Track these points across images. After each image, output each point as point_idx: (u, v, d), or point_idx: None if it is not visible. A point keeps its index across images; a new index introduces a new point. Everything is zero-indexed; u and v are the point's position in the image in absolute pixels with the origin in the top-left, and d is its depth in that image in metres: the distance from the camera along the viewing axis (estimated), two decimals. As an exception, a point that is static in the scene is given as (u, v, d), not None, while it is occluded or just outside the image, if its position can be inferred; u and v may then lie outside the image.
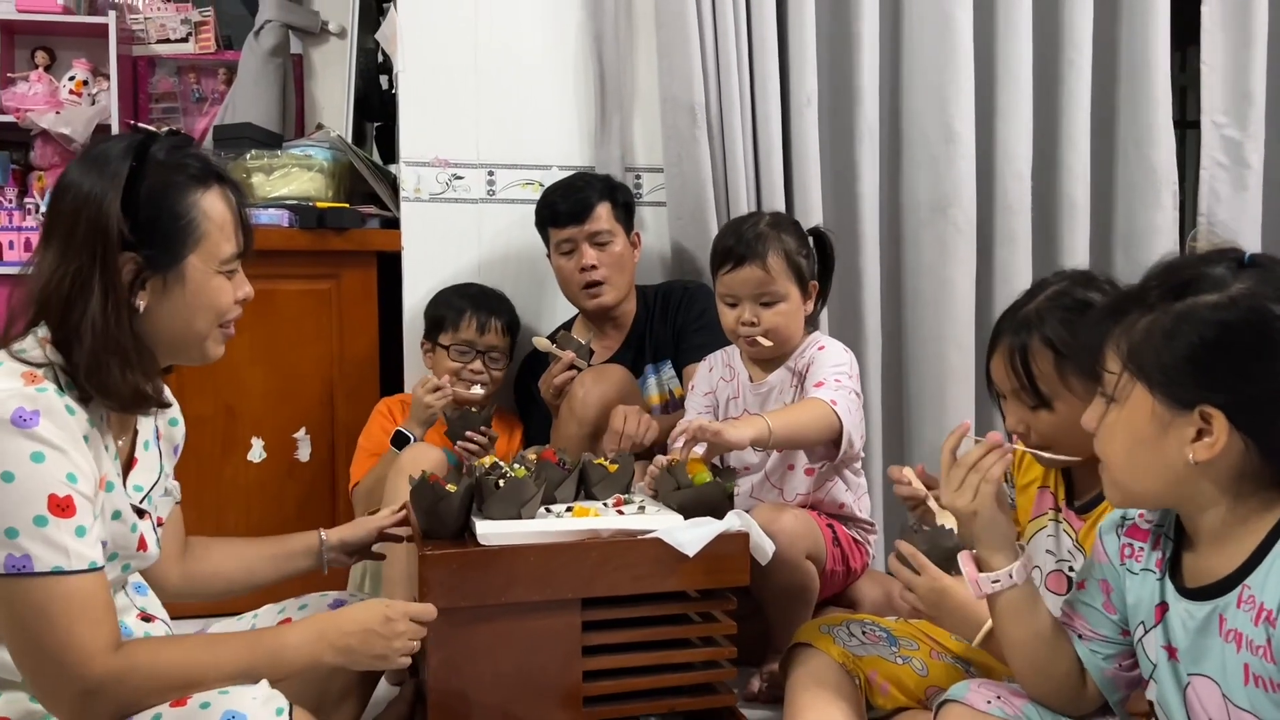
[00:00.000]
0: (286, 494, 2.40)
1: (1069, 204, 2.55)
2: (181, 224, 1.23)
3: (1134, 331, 1.06)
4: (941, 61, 2.44)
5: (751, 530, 1.55)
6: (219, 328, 1.31)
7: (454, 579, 1.42)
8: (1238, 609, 1.01)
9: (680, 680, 1.54)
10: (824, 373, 1.87)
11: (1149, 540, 1.15)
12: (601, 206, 2.21)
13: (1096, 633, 1.21)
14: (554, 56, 2.45)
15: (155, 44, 3.42)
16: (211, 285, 1.27)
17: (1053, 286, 1.43)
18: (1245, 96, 2.59)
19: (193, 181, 1.25)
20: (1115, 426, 1.08)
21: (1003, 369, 1.42)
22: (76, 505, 1.13)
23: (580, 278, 2.22)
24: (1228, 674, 1.02)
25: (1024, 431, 1.43)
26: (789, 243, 1.91)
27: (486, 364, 2.25)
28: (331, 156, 2.51)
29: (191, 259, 1.24)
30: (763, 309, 1.90)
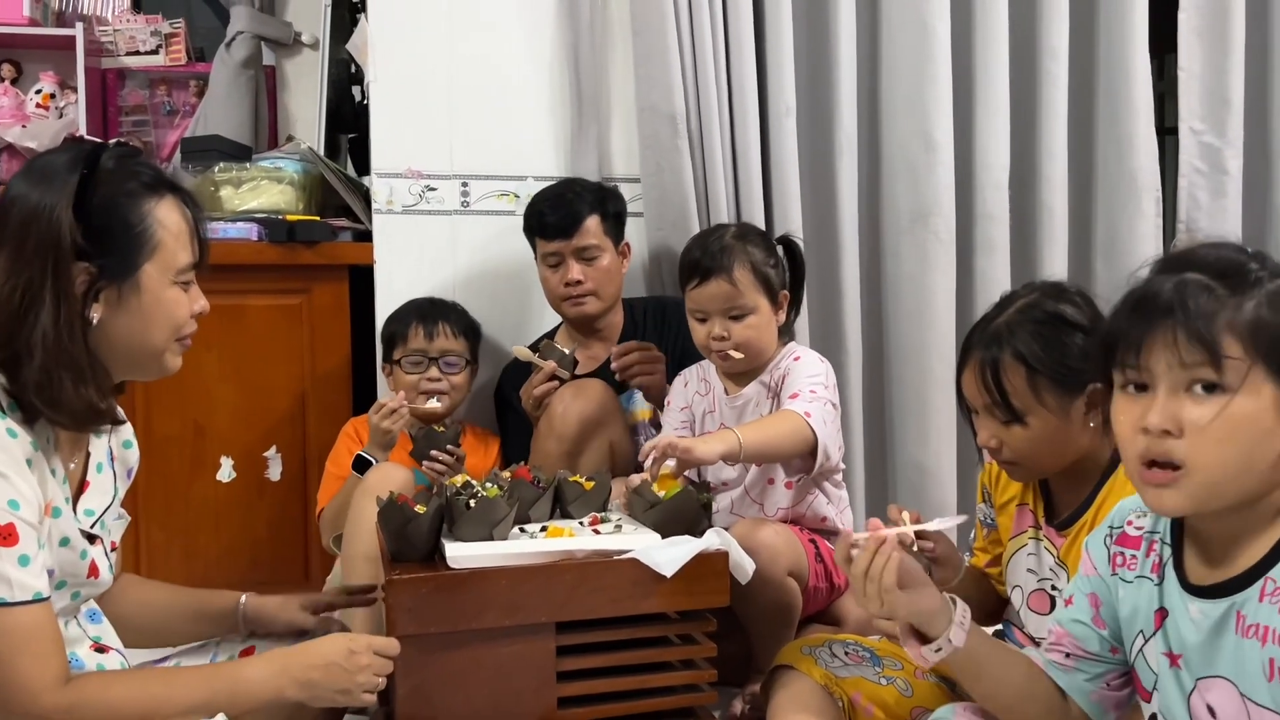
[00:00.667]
0: (257, 514, 2.35)
1: (1047, 213, 2.53)
2: (136, 232, 1.20)
3: (1242, 314, 0.96)
4: (919, 70, 2.42)
5: (731, 549, 1.52)
6: (176, 341, 1.27)
7: (423, 604, 1.37)
8: (1260, 602, 0.97)
9: (659, 705, 1.50)
10: (799, 383, 1.84)
11: (1141, 547, 1.11)
12: (591, 220, 2.17)
13: (1085, 650, 1.17)
14: (528, 66, 2.41)
15: (124, 56, 3.35)
16: (168, 296, 1.23)
17: (1023, 299, 1.41)
18: (1224, 103, 2.58)
19: (146, 190, 1.23)
20: (1236, 419, 0.95)
21: (974, 384, 1.40)
22: (19, 533, 1.09)
23: (564, 290, 2.19)
24: (1246, 672, 0.97)
25: (996, 447, 1.41)
26: (755, 254, 1.88)
27: (443, 370, 2.19)
28: (302, 169, 2.47)
29: (147, 268, 1.21)
30: (733, 322, 1.87)
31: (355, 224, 2.47)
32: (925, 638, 1.19)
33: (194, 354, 2.24)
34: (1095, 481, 1.42)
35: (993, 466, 1.59)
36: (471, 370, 2.26)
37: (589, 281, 2.18)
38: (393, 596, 1.36)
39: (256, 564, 2.36)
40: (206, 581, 2.31)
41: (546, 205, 2.19)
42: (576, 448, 2.01)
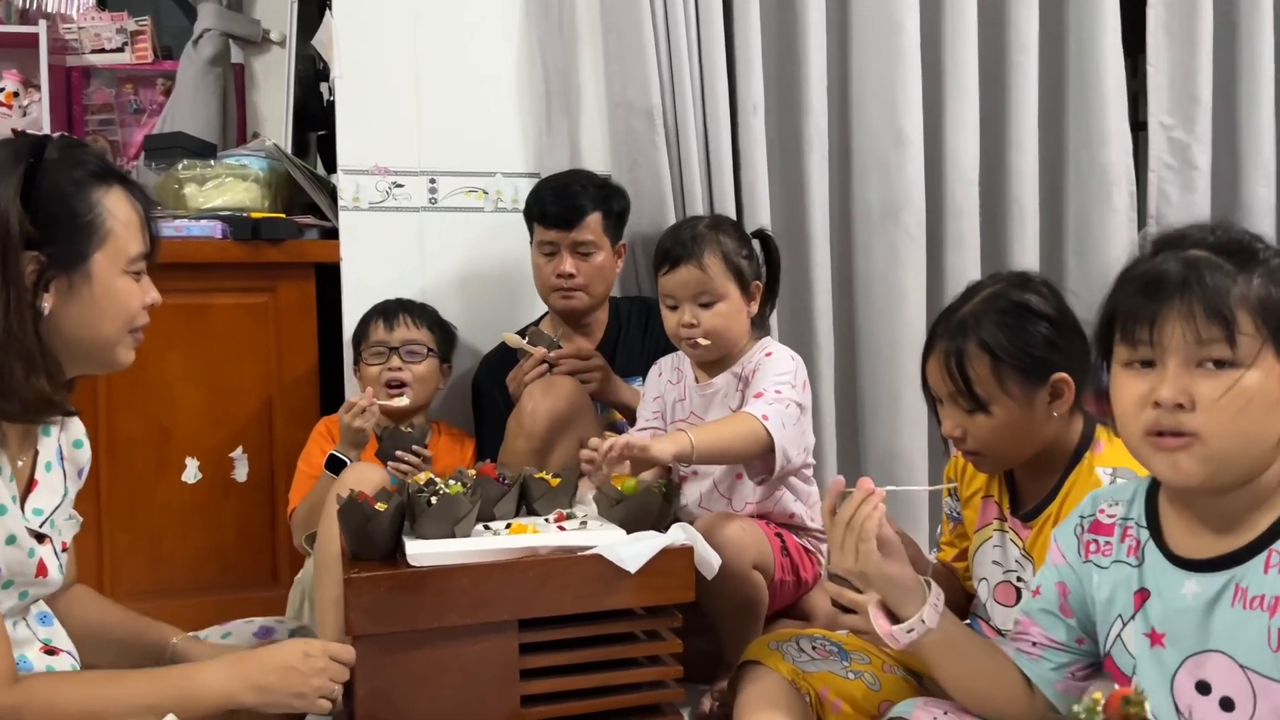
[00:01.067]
0: (224, 516, 2.32)
1: (1018, 208, 2.53)
2: (86, 220, 1.19)
3: (1253, 290, 0.98)
4: (889, 66, 2.42)
5: (696, 544, 1.50)
6: (129, 333, 1.25)
7: (382, 603, 1.35)
8: (1265, 574, 0.97)
9: (625, 702, 1.48)
10: (765, 383, 1.83)
11: (1115, 533, 1.11)
12: (593, 216, 2.14)
13: (1052, 639, 1.17)
14: (497, 61, 2.39)
15: (90, 54, 3.31)
16: (119, 286, 1.22)
17: (988, 289, 1.41)
18: (1192, 99, 2.59)
19: (93, 179, 1.22)
20: (1248, 393, 0.97)
21: (938, 373, 1.40)
22: None
23: (555, 281, 2.17)
24: (1248, 643, 0.98)
25: (960, 436, 1.41)
26: (727, 244, 1.89)
27: (404, 359, 2.16)
28: (268, 166, 2.44)
29: (97, 257, 1.20)
30: (702, 310, 1.87)
31: (322, 221, 2.44)
32: (895, 618, 1.19)
33: (158, 353, 2.26)
34: (1060, 473, 1.42)
35: (958, 460, 1.58)
36: (441, 364, 2.24)
37: (580, 276, 2.16)
38: (351, 596, 1.34)
39: (224, 566, 2.32)
40: (172, 586, 2.29)
41: (550, 193, 2.16)
42: (546, 445, 1.99)
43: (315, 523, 2.00)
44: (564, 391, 2.03)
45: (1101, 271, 2.56)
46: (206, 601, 2.18)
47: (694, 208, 2.33)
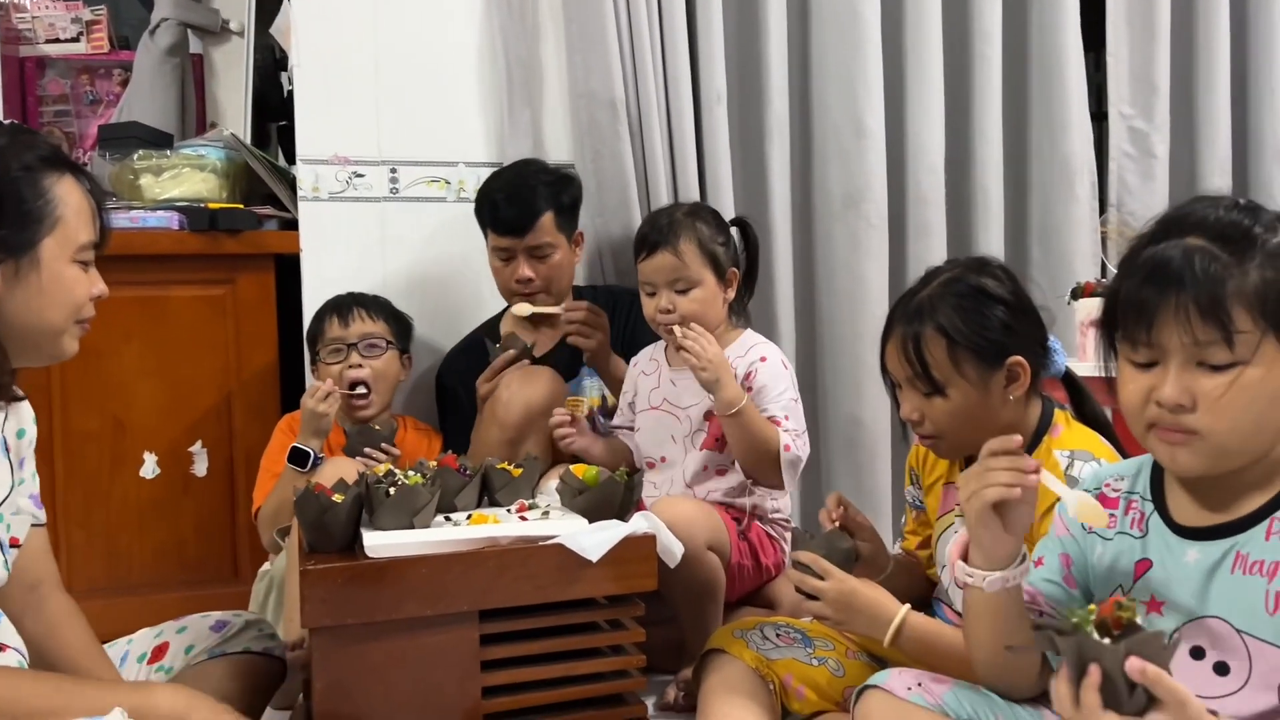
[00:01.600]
0: (183, 511, 2.28)
1: (983, 196, 2.55)
2: (35, 205, 1.18)
3: (1248, 285, 0.97)
4: (850, 55, 2.42)
5: (659, 532, 1.49)
6: (75, 323, 1.24)
7: (339, 595, 1.33)
8: (1267, 541, 0.99)
9: (588, 692, 1.46)
10: (773, 405, 1.85)
11: (1120, 506, 1.13)
12: (546, 217, 2.11)
13: (1057, 610, 1.17)
14: (458, 49, 2.37)
15: (44, 44, 3.24)
16: (67, 275, 1.21)
17: (945, 274, 1.41)
18: (1151, 87, 2.62)
19: (44, 165, 1.21)
20: (1251, 389, 0.97)
21: (896, 357, 1.40)
22: None
23: (515, 286, 2.15)
24: (1243, 608, 1.00)
25: (918, 420, 1.42)
26: (703, 230, 1.92)
27: (363, 354, 2.13)
28: (226, 156, 2.41)
29: (47, 243, 1.19)
30: (678, 296, 1.90)
31: (282, 212, 2.41)
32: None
33: (114, 346, 2.23)
34: (1016, 459, 1.42)
35: (919, 449, 1.58)
36: (400, 356, 2.21)
37: (539, 279, 2.14)
38: (307, 588, 1.32)
39: (183, 563, 2.29)
40: (130, 583, 2.25)
41: (501, 197, 2.12)
42: (519, 436, 1.97)
43: (283, 518, 1.98)
44: (541, 383, 2.01)
45: (1065, 259, 2.59)
46: (166, 598, 2.14)
47: (658, 197, 2.33)
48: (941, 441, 1.43)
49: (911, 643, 1.37)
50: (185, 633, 1.48)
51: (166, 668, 1.44)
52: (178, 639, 1.47)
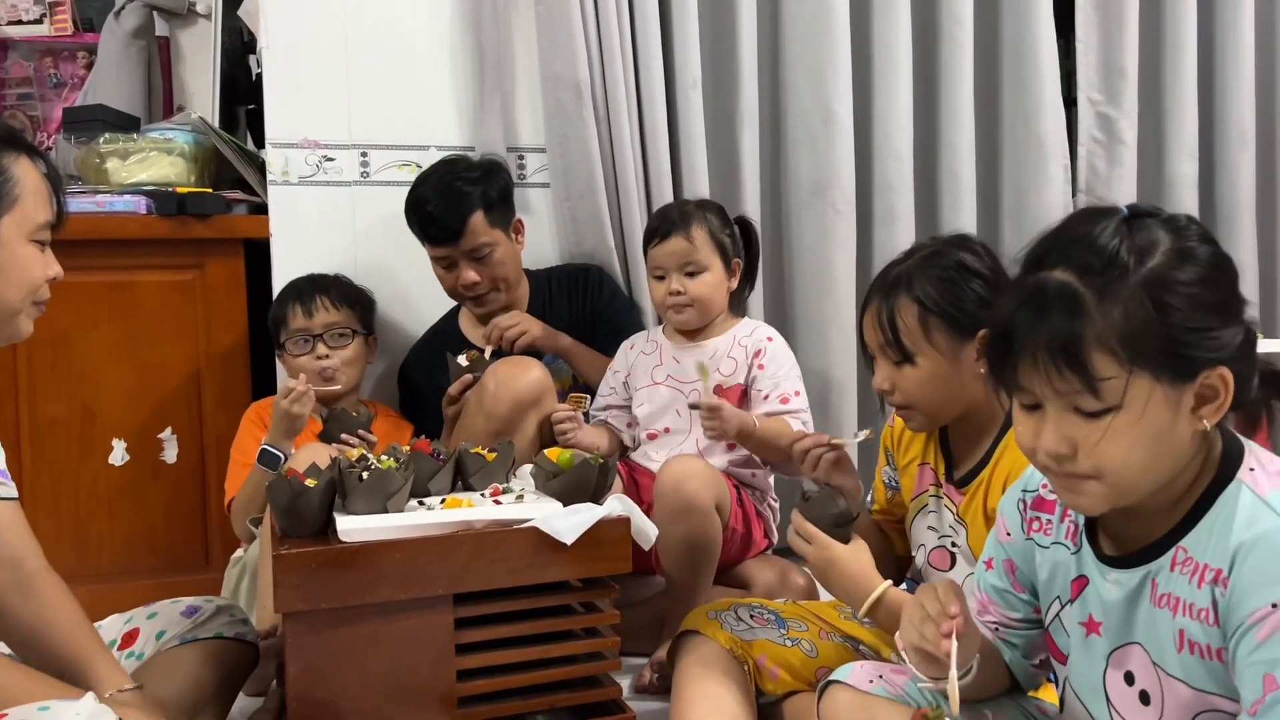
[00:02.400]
0: (153, 498, 2.26)
1: (954, 180, 2.56)
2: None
3: (1116, 328, 0.91)
4: (818, 41, 2.43)
5: (633, 514, 1.50)
6: (32, 304, 1.25)
7: (312, 580, 1.32)
8: (1171, 572, 0.96)
9: (562, 674, 1.47)
10: (784, 383, 1.98)
11: (1056, 512, 1.10)
12: (475, 218, 2.09)
13: (1010, 618, 1.17)
14: (429, 32, 2.35)
15: (6, 26, 3.18)
16: (24, 254, 1.23)
17: (926, 249, 1.43)
18: (1119, 73, 2.64)
19: (2, 145, 1.22)
20: (1130, 432, 0.93)
21: (871, 325, 1.43)
22: None
23: (462, 291, 2.15)
24: (1160, 640, 0.97)
25: (889, 389, 1.44)
26: (713, 221, 2.02)
27: (329, 345, 2.12)
28: (194, 140, 2.37)
29: (4, 221, 1.20)
30: (688, 279, 1.99)
31: (251, 196, 2.38)
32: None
33: (81, 332, 2.20)
34: (992, 438, 1.44)
35: (894, 429, 1.60)
36: (366, 341, 2.20)
37: (485, 280, 2.14)
38: (280, 573, 1.31)
39: (154, 550, 2.27)
40: (101, 571, 2.23)
41: (429, 206, 2.09)
42: (507, 427, 1.96)
43: (256, 509, 1.97)
44: (529, 374, 1.99)
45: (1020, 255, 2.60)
46: (137, 586, 2.11)
47: (626, 182, 2.32)
48: (914, 412, 1.44)
49: (889, 617, 1.38)
50: (156, 618, 1.47)
51: (137, 653, 1.43)
52: (148, 625, 1.46)
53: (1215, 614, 0.92)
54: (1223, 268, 0.96)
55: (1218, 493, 0.96)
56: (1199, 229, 0.97)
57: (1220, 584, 0.92)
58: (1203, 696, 0.95)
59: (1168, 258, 0.93)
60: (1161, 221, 0.96)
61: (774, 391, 1.97)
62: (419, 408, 2.24)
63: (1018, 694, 1.20)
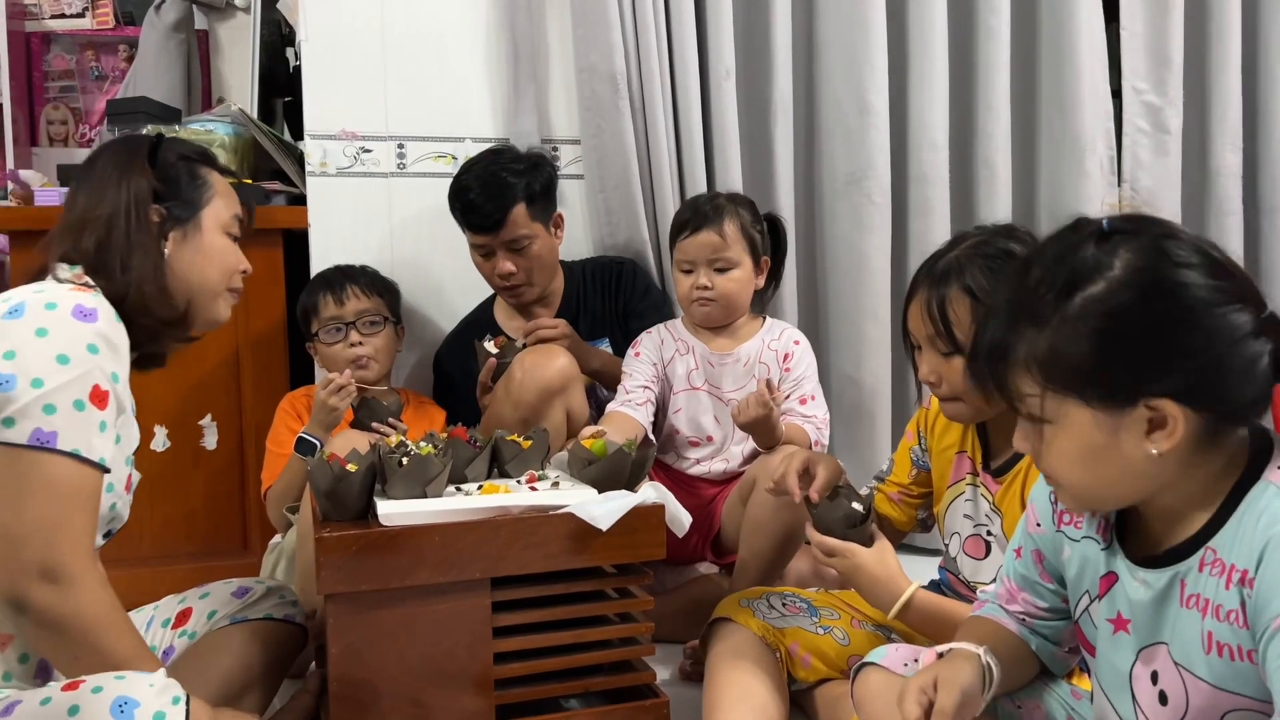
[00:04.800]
0: (193, 484, 2.30)
1: (989, 172, 2.54)
2: (199, 183, 1.43)
3: (1039, 350, 0.95)
4: (854, 32, 2.42)
5: (667, 502, 1.51)
6: (228, 290, 1.45)
7: (353, 562, 1.35)
8: (1200, 573, 0.95)
9: (596, 659, 1.48)
10: (806, 387, 2.00)
11: None
12: (518, 210, 2.10)
13: (1038, 607, 1.16)
14: (465, 24, 2.36)
15: (49, 20, 3.25)
16: (221, 243, 1.44)
17: (973, 238, 1.41)
18: (1164, 62, 2.60)
19: (200, 157, 1.46)
20: (1059, 447, 0.97)
21: (919, 316, 1.40)
22: (110, 402, 1.21)
23: (498, 281, 2.17)
24: (1186, 642, 0.96)
25: (936, 381, 1.41)
26: (744, 215, 2.00)
27: (363, 332, 2.14)
28: (233, 131, 2.41)
29: (206, 212, 1.42)
30: (716, 274, 1.97)
31: (289, 187, 2.42)
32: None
33: None
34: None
35: (928, 412, 1.59)
36: (396, 329, 2.22)
37: (521, 272, 2.15)
38: (322, 555, 1.33)
39: (193, 535, 2.31)
40: (141, 555, 2.27)
41: (472, 194, 2.11)
42: (534, 415, 1.97)
43: (292, 498, 2.00)
44: (556, 362, 2.01)
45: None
46: (177, 570, 2.16)
47: (660, 173, 2.33)
48: (957, 405, 1.42)
49: (918, 618, 1.38)
50: (208, 598, 1.51)
51: (190, 632, 1.47)
52: (200, 604, 1.50)
53: (1244, 615, 0.91)
54: (1177, 297, 0.92)
55: (1245, 492, 0.95)
56: (1187, 255, 0.93)
57: (1247, 585, 0.91)
58: (1230, 697, 0.94)
59: (1109, 285, 0.93)
60: (1136, 243, 0.95)
61: (795, 392, 1.97)
62: (453, 396, 2.26)
63: (1050, 680, 1.20)
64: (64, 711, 1.07)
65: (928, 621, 1.37)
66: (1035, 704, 1.18)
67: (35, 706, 1.09)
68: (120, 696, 1.07)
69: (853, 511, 1.40)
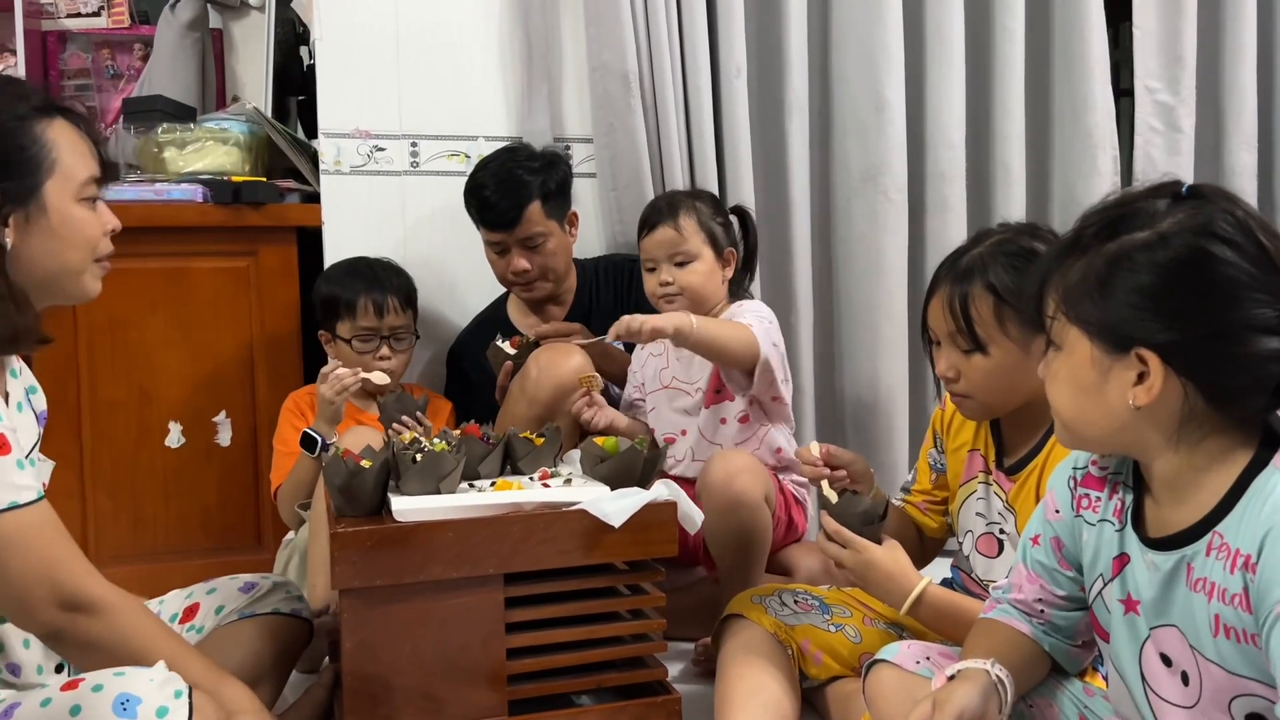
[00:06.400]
0: (207, 480, 2.31)
1: (1004, 171, 2.53)
2: (30, 153, 1.20)
3: (1069, 276, 1.01)
4: (870, 29, 2.41)
5: (679, 499, 1.51)
6: (95, 262, 1.27)
7: (368, 557, 1.35)
8: (1207, 557, 0.97)
9: (608, 655, 1.49)
10: (744, 316, 1.90)
11: (1105, 489, 1.11)
12: (533, 207, 2.11)
13: (1055, 595, 1.17)
14: (478, 23, 2.37)
15: (65, 18, 3.26)
16: (75, 215, 1.23)
17: (996, 235, 1.42)
18: (1177, 61, 2.59)
19: (35, 113, 1.22)
20: (1060, 373, 1.05)
21: (940, 312, 1.41)
22: (9, 442, 1.12)
23: (511, 278, 2.17)
24: (1196, 624, 0.98)
25: (954, 377, 1.42)
26: (702, 209, 1.99)
27: (393, 347, 2.13)
28: (248, 130, 2.42)
29: (49, 186, 1.21)
30: (677, 269, 1.96)
31: (303, 185, 2.43)
32: None
33: (139, 317, 2.25)
34: (1046, 427, 1.42)
35: (944, 412, 1.59)
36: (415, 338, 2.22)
37: (535, 269, 2.16)
38: (337, 550, 1.34)
39: (207, 530, 2.32)
40: (156, 550, 2.29)
41: (487, 193, 2.12)
42: (548, 412, 1.97)
43: (301, 495, 2.01)
44: (570, 361, 2.01)
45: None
46: (191, 565, 2.16)
47: (672, 171, 2.33)
48: (972, 401, 1.43)
49: (930, 614, 1.38)
50: (215, 594, 1.52)
51: (198, 627, 1.48)
52: (208, 600, 1.51)
53: (1247, 600, 0.93)
54: (1205, 267, 0.94)
55: (1253, 479, 0.96)
56: (1233, 233, 0.95)
57: (1250, 569, 0.93)
58: (1237, 680, 0.96)
59: (1149, 237, 0.97)
60: (1195, 208, 0.97)
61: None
62: (467, 392, 2.27)
63: (1064, 678, 1.20)
64: (65, 711, 1.06)
65: (940, 617, 1.37)
66: (1048, 703, 1.18)
67: (35, 708, 1.08)
68: (122, 693, 1.06)
69: (871, 508, 1.41)
